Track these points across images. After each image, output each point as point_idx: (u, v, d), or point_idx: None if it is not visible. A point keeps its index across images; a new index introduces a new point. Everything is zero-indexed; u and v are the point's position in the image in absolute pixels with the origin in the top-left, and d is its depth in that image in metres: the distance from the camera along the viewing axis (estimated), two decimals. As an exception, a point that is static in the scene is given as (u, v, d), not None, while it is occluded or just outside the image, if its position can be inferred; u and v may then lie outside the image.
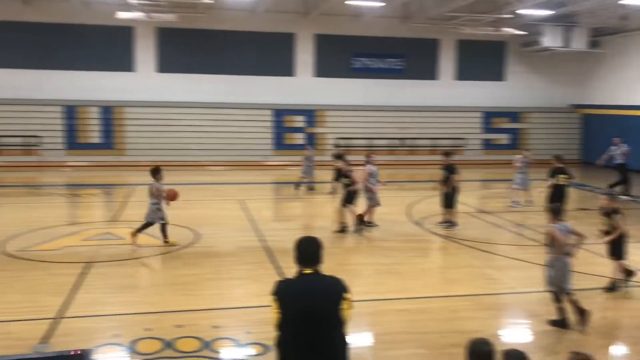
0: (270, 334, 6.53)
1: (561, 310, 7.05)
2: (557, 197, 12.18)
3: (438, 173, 13.14)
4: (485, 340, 4.01)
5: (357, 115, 25.21)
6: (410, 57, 25.78)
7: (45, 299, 7.88)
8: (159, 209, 10.71)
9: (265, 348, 6.36)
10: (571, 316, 7.10)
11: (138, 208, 14.64)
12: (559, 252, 7.01)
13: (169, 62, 23.93)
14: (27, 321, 7.16)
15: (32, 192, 18.52)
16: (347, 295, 3.86)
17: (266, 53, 24.54)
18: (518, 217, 14.13)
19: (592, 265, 9.51)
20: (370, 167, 12.54)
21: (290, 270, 8.29)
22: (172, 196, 10.78)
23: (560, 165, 13.12)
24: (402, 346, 6.57)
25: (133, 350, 6.30)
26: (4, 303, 7.84)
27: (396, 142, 25.49)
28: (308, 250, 3.95)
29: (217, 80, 24.19)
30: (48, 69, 23.02)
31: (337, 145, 20.74)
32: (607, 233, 8.41)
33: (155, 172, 10.93)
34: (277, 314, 3.84)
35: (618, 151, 17.58)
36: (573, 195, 14.35)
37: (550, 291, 7.18)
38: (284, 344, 3.91)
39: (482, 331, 6.92)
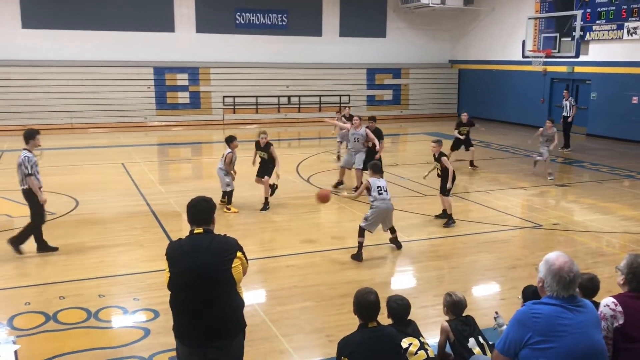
0: (159, 299, 6.50)
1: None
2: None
3: (326, 130, 13.31)
4: (369, 289, 4.20)
5: (243, 72, 24.80)
6: (294, 13, 25.57)
7: None
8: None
9: (155, 313, 6.26)
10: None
11: (7, 176, 13.62)
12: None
13: (34, 17, 21.99)
14: None
15: None
16: (239, 254, 3.87)
17: (143, 7, 23.25)
18: (401, 171, 14.73)
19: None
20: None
21: (179, 233, 8.14)
22: (324, 197, 8.96)
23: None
24: (293, 300, 6.72)
25: (12, 326, 5.94)
26: None
27: (283, 99, 25.46)
28: (198, 210, 3.92)
29: (91, 36, 22.65)
30: None
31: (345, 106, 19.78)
32: (439, 175, 10.00)
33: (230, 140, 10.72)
34: (167, 274, 3.84)
35: (565, 104, 18.27)
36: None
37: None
38: (175, 304, 3.89)
39: (368, 280, 7.27)
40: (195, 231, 3.87)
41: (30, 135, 8.22)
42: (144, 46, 23.36)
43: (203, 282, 3.74)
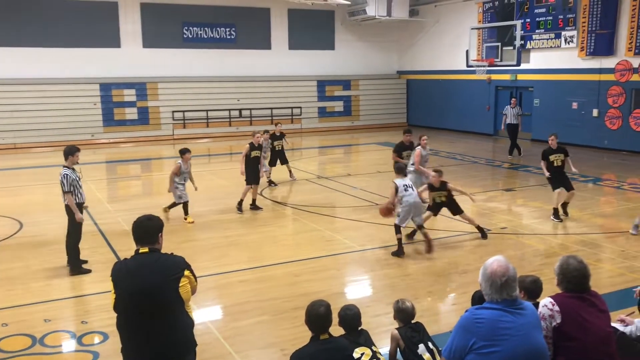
0: (108, 321, 6.33)
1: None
2: None
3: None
4: (320, 301, 4.21)
5: (191, 87, 24.58)
6: (242, 27, 25.56)
7: None
8: None
9: (104, 336, 6.10)
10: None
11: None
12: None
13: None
14: None
15: None
16: (187, 273, 3.80)
17: (89, 23, 22.77)
18: (353, 181, 14.85)
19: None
20: (420, 150, 11.64)
21: (128, 253, 7.97)
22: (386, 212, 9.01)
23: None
24: (247, 315, 6.66)
25: (-50, 358, 5.69)
26: None
27: (235, 113, 25.34)
28: (143, 229, 3.83)
29: (36, 53, 22.03)
30: None
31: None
32: (443, 203, 9.71)
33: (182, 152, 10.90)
34: (113, 295, 3.73)
35: (512, 112, 18.60)
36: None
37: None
38: (122, 327, 3.79)
39: (323, 291, 7.26)
40: (141, 251, 3.79)
41: (69, 152, 8.12)
42: (90, 62, 22.88)
43: (150, 303, 3.65)
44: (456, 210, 9.72)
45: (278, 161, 14.60)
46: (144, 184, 16.64)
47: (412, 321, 4.86)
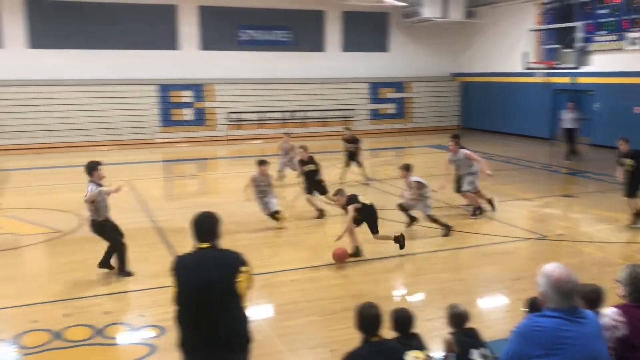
0: (165, 315, 6.50)
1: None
2: None
3: (333, 144, 13.33)
4: (371, 303, 4.20)
5: (246, 88, 24.97)
6: (297, 29, 25.79)
7: None
8: None
9: (160, 329, 6.27)
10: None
11: (14, 195, 13.73)
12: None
13: (42, 37, 22.24)
14: None
15: None
16: (245, 269, 3.87)
17: (148, 26, 23.49)
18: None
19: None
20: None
21: (184, 249, 8.19)
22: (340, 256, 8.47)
23: None
24: (296, 315, 6.72)
25: (18, 345, 5.97)
26: None
27: (287, 115, 25.58)
28: (203, 224, 3.93)
29: (97, 55, 22.87)
30: None
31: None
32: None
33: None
34: (174, 289, 3.83)
35: (570, 116, 18.20)
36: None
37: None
38: (181, 320, 3.88)
39: (374, 293, 7.25)
40: (201, 246, 3.89)
41: (92, 167, 7.95)
42: (149, 64, 23.57)
43: (209, 297, 3.74)
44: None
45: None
46: (199, 183, 17.02)
47: (466, 326, 4.80)
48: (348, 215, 8.59)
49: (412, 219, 10.32)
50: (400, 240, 8.85)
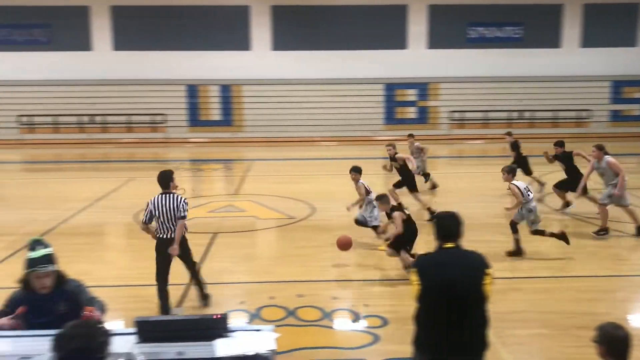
0: (388, 307, 6.70)
1: None
2: None
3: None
4: (618, 324, 3.80)
5: (472, 87, 24.44)
6: (529, 25, 24.43)
7: (177, 266, 8.45)
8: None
9: (383, 321, 6.45)
10: None
11: (256, 182, 15.33)
12: None
13: (283, 40, 24.44)
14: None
15: (159, 167, 19.80)
16: (489, 271, 3.81)
17: (377, 26, 24.32)
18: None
19: None
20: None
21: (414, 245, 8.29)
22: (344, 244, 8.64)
23: None
24: (526, 325, 6.38)
25: (259, 317, 6.64)
26: (139, 268, 8.49)
27: (514, 115, 24.43)
28: (449, 225, 3.93)
29: (329, 56, 24.38)
30: (172, 50, 24.38)
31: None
32: None
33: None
34: (417, 287, 3.81)
35: None
36: None
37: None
38: (423, 318, 3.88)
39: (610, 314, 6.57)
40: (446, 245, 3.89)
41: (169, 178, 6.79)
42: (376, 64, 24.39)
43: (458, 297, 3.71)
44: None
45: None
46: (419, 181, 17.06)
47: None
48: None
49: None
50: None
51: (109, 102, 24.42)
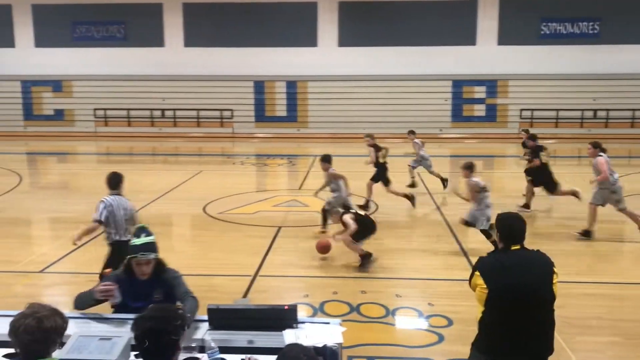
0: (453, 308, 6.62)
1: None
2: None
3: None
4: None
5: (544, 84, 23.69)
6: (605, 20, 23.40)
7: (243, 258, 8.67)
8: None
9: (448, 321, 6.38)
10: None
11: (320, 177, 15.40)
12: None
13: (349, 36, 24.47)
14: (228, 276, 7.96)
15: (226, 160, 20.31)
16: (556, 270, 3.75)
17: (446, 22, 23.93)
18: None
19: None
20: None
21: (471, 246, 8.20)
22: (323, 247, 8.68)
23: None
24: (597, 332, 6.16)
25: (322, 311, 6.71)
26: (209, 259, 8.79)
27: (588, 113, 23.49)
28: (515, 227, 3.85)
29: (396, 52, 24.21)
30: (240, 46, 24.86)
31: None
32: None
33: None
34: (483, 290, 3.73)
35: None
36: None
37: None
38: (490, 321, 3.78)
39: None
40: (513, 247, 3.81)
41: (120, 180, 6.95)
42: (444, 60, 24.02)
43: (528, 299, 3.64)
44: None
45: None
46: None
47: None
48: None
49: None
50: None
51: (180, 97, 25.20)
